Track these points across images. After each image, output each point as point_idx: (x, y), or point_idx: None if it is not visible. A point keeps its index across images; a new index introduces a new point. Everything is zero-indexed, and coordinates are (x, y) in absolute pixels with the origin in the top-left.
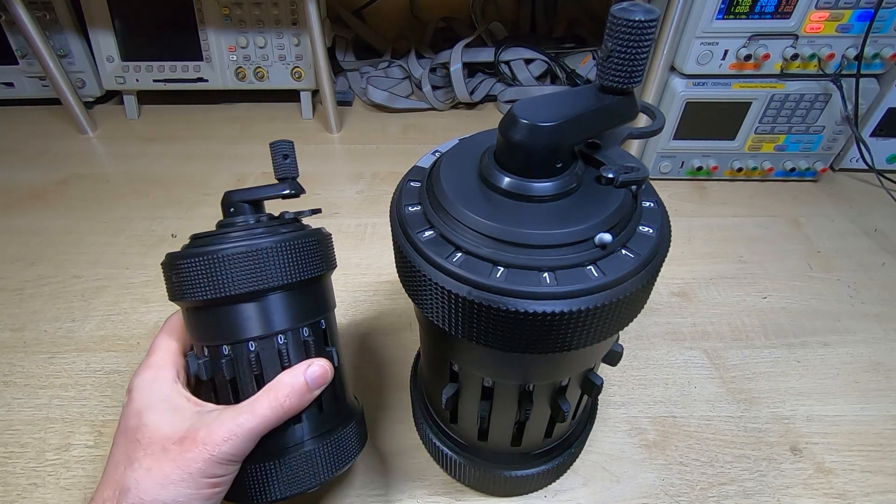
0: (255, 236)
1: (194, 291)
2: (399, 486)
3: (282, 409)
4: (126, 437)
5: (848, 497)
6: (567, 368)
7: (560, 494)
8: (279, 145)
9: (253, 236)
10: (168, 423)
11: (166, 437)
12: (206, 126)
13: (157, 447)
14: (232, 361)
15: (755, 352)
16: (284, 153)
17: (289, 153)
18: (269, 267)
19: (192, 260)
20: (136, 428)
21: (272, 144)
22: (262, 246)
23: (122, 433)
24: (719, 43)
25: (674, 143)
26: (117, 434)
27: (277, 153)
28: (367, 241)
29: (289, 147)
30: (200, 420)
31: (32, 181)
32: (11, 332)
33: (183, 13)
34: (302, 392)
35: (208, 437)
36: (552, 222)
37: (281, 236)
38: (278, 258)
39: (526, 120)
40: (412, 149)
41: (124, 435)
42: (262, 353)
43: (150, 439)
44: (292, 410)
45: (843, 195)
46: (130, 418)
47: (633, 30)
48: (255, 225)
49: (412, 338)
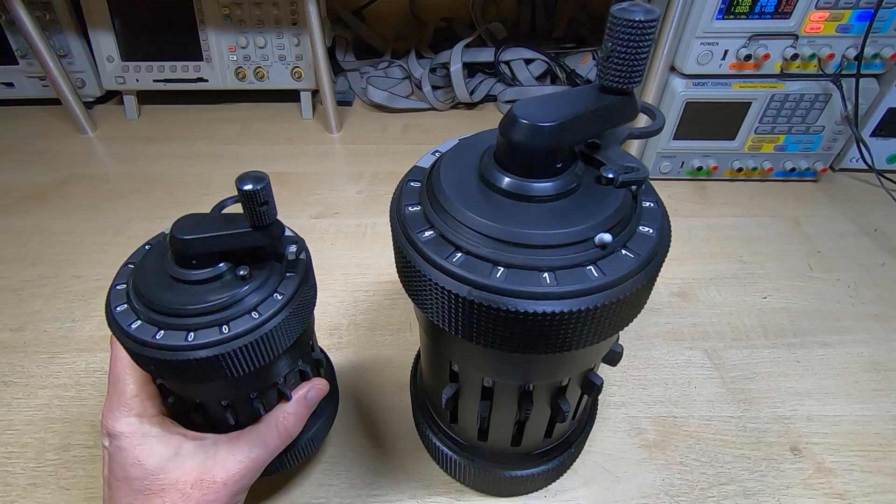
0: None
1: (203, 379)
2: (399, 486)
3: (289, 437)
4: (130, 486)
5: (848, 497)
6: (567, 368)
7: (560, 494)
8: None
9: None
10: (175, 467)
11: (180, 480)
12: (206, 126)
13: (176, 494)
14: (231, 408)
15: (755, 352)
16: (264, 200)
17: (268, 198)
18: (277, 342)
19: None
20: (142, 477)
21: (241, 185)
22: (270, 328)
23: (124, 482)
24: (719, 43)
25: (674, 143)
26: (113, 480)
27: (256, 202)
28: (367, 241)
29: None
30: (210, 457)
31: (32, 181)
32: (11, 332)
33: (183, 13)
34: (304, 416)
35: (228, 477)
36: (552, 222)
37: (284, 300)
38: (288, 328)
39: (526, 120)
40: (412, 149)
41: (127, 484)
42: (263, 398)
43: (162, 486)
44: (296, 434)
45: (843, 195)
46: (130, 467)
47: (633, 30)
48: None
49: (412, 338)
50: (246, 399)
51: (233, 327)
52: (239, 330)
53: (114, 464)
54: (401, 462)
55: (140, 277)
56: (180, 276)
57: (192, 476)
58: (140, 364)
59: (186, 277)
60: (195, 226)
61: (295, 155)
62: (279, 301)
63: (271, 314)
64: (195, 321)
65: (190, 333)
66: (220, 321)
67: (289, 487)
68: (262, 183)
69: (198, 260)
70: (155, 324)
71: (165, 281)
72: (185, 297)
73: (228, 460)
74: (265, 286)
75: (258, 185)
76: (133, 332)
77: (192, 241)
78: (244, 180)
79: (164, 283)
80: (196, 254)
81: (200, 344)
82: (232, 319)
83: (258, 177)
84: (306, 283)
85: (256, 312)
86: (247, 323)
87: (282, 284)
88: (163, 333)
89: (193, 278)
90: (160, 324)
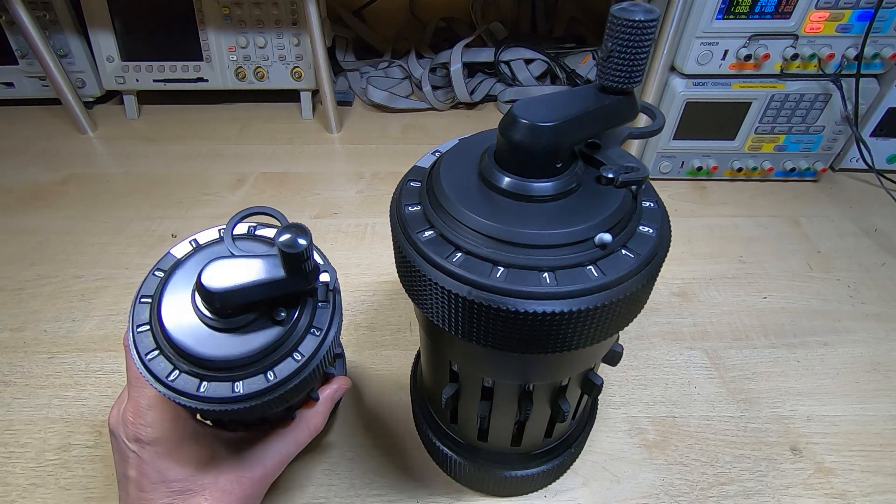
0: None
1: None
2: (399, 485)
3: (317, 432)
4: (169, 487)
5: (848, 497)
6: (567, 368)
7: (560, 494)
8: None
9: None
10: (213, 467)
11: (220, 479)
12: (206, 126)
13: (217, 491)
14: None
15: (755, 352)
16: (308, 256)
17: (311, 253)
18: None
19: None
20: (182, 479)
21: (287, 246)
22: (314, 367)
23: (161, 484)
24: (719, 43)
25: (674, 143)
26: (147, 483)
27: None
28: (367, 241)
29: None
30: (246, 453)
31: (32, 181)
32: (11, 332)
33: (183, 13)
34: (328, 412)
35: (265, 472)
36: (552, 222)
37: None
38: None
39: (526, 120)
40: (412, 149)
41: (165, 486)
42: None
43: (203, 486)
44: (322, 428)
45: (843, 195)
46: (168, 471)
47: (633, 30)
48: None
49: (412, 338)
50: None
51: (278, 373)
52: (284, 375)
53: (147, 468)
54: (401, 462)
55: (168, 323)
56: (214, 324)
57: (232, 474)
58: (188, 411)
59: (222, 326)
60: (226, 273)
61: (295, 155)
62: (318, 337)
63: (311, 354)
64: (239, 372)
65: (236, 384)
66: (264, 368)
67: (289, 487)
68: (306, 238)
69: (232, 310)
70: (196, 375)
71: (198, 328)
72: (225, 348)
73: (264, 457)
74: (301, 323)
75: (302, 243)
76: (173, 384)
77: (227, 293)
78: (290, 239)
79: (197, 331)
80: (235, 306)
81: (247, 395)
82: (276, 364)
83: (301, 230)
84: (337, 311)
85: (298, 354)
86: (291, 367)
87: (316, 318)
88: (206, 385)
89: (230, 326)
90: (201, 376)
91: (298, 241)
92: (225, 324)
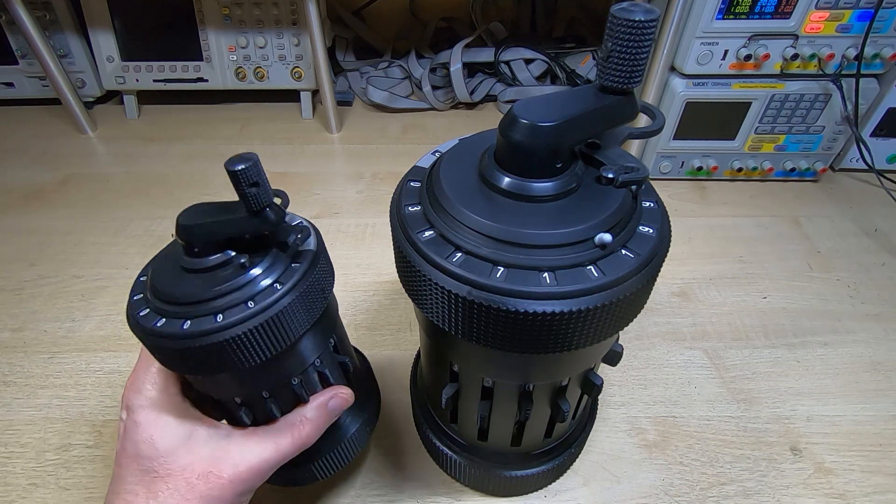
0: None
1: (205, 370)
2: (399, 485)
3: (303, 444)
4: (139, 465)
5: (848, 497)
6: (567, 368)
7: (560, 494)
8: (246, 171)
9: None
10: (186, 451)
11: (187, 469)
12: (206, 126)
13: (181, 482)
14: (246, 406)
15: (755, 352)
16: (254, 181)
17: (259, 177)
18: (276, 334)
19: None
20: (152, 457)
21: (229, 166)
22: (265, 319)
23: (133, 459)
24: (719, 43)
25: (674, 143)
26: (123, 456)
27: (245, 182)
28: (367, 241)
29: (257, 168)
30: (221, 449)
31: (32, 181)
32: (11, 332)
33: (183, 13)
34: (323, 425)
35: (235, 474)
36: (552, 222)
37: (283, 290)
38: (302, 309)
39: (526, 120)
40: (412, 149)
41: (136, 462)
42: (276, 398)
43: (169, 471)
44: (312, 442)
45: (843, 195)
46: (141, 444)
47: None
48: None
49: (412, 338)
50: (258, 397)
51: (227, 316)
52: (232, 319)
53: (127, 440)
54: (401, 462)
55: (157, 269)
56: (188, 265)
57: (200, 466)
58: (151, 352)
59: (193, 266)
60: (199, 213)
61: (295, 155)
62: (277, 291)
63: (267, 304)
64: (192, 310)
65: (186, 322)
66: (215, 310)
67: (289, 487)
68: (249, 163)
69: (201, 248)
70: (158, 312)
71: (176, 271)
72: (187, 287)
73: (238, 456)
74: (266, 276)
75: (245, 164)
76: (138, 318)
77: (193, 227)
78: (232, 161)
79: (174, 274)
80: (200, 242)
81: (194, 332)
82: (227, 308)
83: (246, 157)
84: (311, 274)
85: (252, 302)
86: (241, 312)
87: (284, 274)
88: (163, 322)
89: (198, 266)
90: (163, 312)
91: (238, 163)
92: (198, 265)
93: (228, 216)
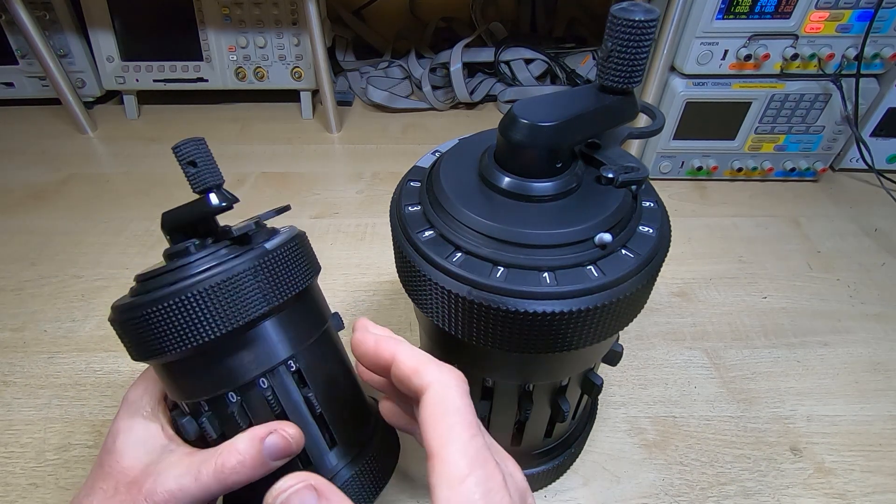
0: (222, 259)
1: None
2: (399, 485)
3: (223, 480)
4: (100, 458)
5: (848, 497)
6: (567, 368)
7: (560, 494)
8: (182, 149)
9: (219, 260)
10: (131, 455)
11: (122, 473)
12: (206, 126)
13: (112, 483)
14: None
15: (755, 352)
16: (190, 159)
17: (197, 157)
18: (255, 290)
19: (155, 308)
20: (109, 451)
21: (175, 149)
22: (238, 269)
23: (103, 450)
24: (719, 43)
25: (674, 143)
26: (103, 447)
27: (182, 160)
28: (367, 241)
29: (196, 148)
30: (154, 463)
31: (32, 181)
32: (11, 332)
33: (183, 13)
34: (253, 464)
35: (152, 491)
36: (552, 222)
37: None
38: (263, 276)
39: (526, 120)
40: (412, 149)
41: (101, 453)
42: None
43: (109, 471)
44: (239, 484)
45: (843, 195)
46: (109, 436)
47: (633, 30)
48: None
49: (412, 338)
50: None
51: (150, 286)
52: (153, 286)
53: (109, 430)
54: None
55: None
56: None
57: (132, 474)
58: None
59: (165, 252)
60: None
61: (295, 155)
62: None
63: (185, 276)
64: (142, 286)
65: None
66: (151, 287)
67: None
68: (189, 143)
69: (170, 235)
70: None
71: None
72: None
73: (163, 474)
74: (200, 258)
75: (186, 144)
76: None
77: (164, 215)
78: (176, 143)
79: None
80: (166, 228)
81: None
82: (156, 284)
83: (191, 139)
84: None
85: (172, 274)
86: (163, 282)
87: (214, 256)
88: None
89: (167, 252)
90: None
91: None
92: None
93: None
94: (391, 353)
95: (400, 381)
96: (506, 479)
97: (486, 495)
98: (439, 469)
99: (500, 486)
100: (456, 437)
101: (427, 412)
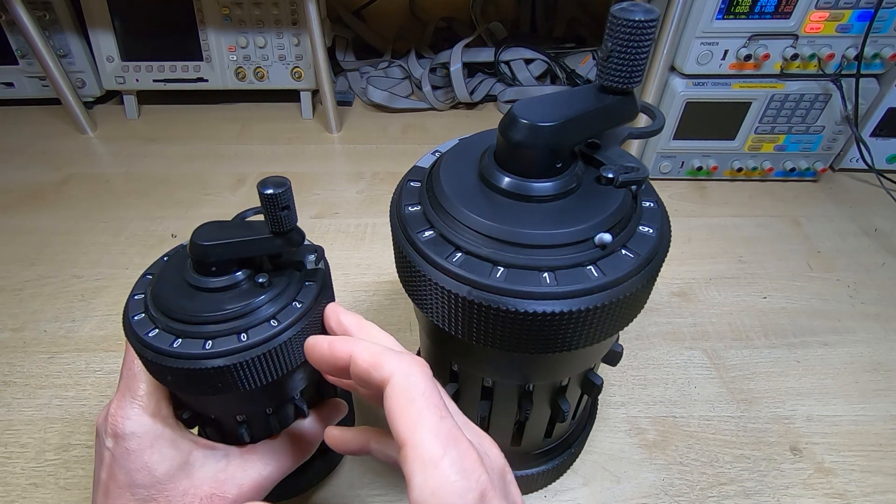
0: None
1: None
2: (399, 485)
3: (303, 457)
4: (134, 494)
5: (848, 497)
6: (567, 368)
7: (560, 494)
8: (279, 196)
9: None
10: (185, 476)
11: (188, 493)
12: (206, 126)
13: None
14: (247, 424)
15: (755, 352)
16: (285, 204)
17: (289, 203)
18: (295, 352)
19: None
20: (148, 485)
21: (262, 189)
22: (289, 337)
23: (126, 488)
24: (719, 43)
25: (674, 143)
26: (114, 486)
27: (278, 205)
28: (367, 241)
29: (287, 193)
30: (222, 471)
31: (32, 181)
32: (11, 332)
33: (183, 13)
34: (321, 436)
35: (240, 494)
36: (552, 222)
37: (303, 309)
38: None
39: (526, 120)
40: (412, 149)
41: (130, 491)
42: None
43: (169, 498)
44: (311, 454)
45: (843, 195)
46: (136, 473)
47: (633, 30)
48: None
49: (412, 338)
50: (262, 415)
51: (251, 335)
52: (257, 338)
53: (117, 468)
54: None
55: (159, 286)
56: (199, 283)
57: (202, 490)
58: (156, 375)
59: (205, 285)
60: (216, 232)
61: (295, 155)
62: (298, 310)
63: (290, 323)
64: (213, 329)
65: (208, 342)
66: (237, 329)
67: None
68: (283, 187)
69: (217, 267)
70: (172, 332)
71: (184, 289)
72: (203, 305)
73: (240, 476)
74: (284, 295)
75: (279, 189)
76: (150, 340)
77: (212, 247)
78: (266, 184)
79: (182, 292)
80: (216, 260)
81: (218, 352)
82: (250, 328)
83: (279, 182)
84: (325, 293)
85: (275, 321)
86: (265, 331)
87: (301, 293)
88: (180, 342)
89: (212, 286)
90: (178, 332)
91: (271, 187)
92: (211, 284)
93: (250, 236)
94: (347, 353)
95: (361, 380)
96: (481, 457)
97: (462, 474)
98: (412, 455)
99: (476, 464)
100: (425, 420)
101: (392, 402)
